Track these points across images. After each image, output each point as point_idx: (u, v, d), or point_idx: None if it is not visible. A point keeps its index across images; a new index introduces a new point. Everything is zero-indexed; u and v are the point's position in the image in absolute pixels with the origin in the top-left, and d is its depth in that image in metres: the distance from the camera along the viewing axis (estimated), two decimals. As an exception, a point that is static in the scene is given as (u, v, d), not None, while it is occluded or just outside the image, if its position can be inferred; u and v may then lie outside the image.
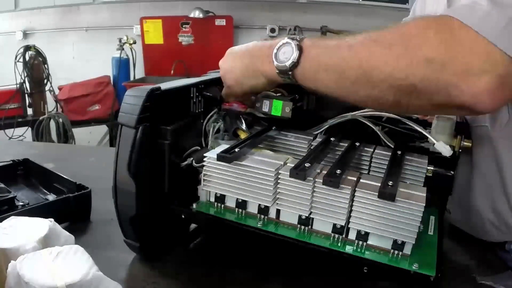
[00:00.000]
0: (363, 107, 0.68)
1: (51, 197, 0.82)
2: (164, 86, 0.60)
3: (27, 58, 3.27)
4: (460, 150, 0.61)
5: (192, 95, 0.67)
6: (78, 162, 1.12)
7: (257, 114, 0.69)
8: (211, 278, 0.62)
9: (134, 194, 0.58)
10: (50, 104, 3.39)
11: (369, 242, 0.55)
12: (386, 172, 0.57)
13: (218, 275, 0.63)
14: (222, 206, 0.62)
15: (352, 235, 0.56)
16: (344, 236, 0.56)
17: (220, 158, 0.58)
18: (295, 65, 0.55)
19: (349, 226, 0.55)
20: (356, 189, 0.54)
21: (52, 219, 0.59)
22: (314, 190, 0.56)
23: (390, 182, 0.52)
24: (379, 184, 0.53)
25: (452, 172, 0.62)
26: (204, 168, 0.61)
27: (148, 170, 0.59)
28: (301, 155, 0.66)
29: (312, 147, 0.68)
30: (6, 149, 1.24)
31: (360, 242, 0.55)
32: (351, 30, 3.38)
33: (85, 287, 0.47)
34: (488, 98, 0.45)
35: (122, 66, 3.51)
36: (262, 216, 0.60)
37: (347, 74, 0.52)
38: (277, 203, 0.58)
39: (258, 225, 0.59)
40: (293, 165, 0.56)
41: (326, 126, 0.71)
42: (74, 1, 3.73)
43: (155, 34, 3.63)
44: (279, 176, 0.57)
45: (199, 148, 0.66)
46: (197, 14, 3.50)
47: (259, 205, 0.60)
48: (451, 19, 0.46)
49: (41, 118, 3.18)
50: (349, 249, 0.55)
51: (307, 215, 0.57)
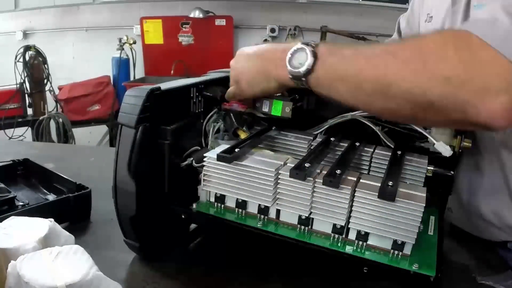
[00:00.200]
0: None
1: (51, 197, 0.82)
2: (164, 86, 0.61)
3: (27, 58, 3.27)
4: (460, 150, 0.61)
5: (192, 95, 0.67)
6: (78, 162, 1.12)
7: (257, 114, 0.69)
8: (211, 278, 0.62)
9: (134, 194, 0.58)
10: (50, 104, 3.40)
11: (369, 242, 0.55)
12: (386, 172, 0.57)
13: (218, 275, 0.63)
14: (222, 206, 0.62)
15: (352, 235, 0.56)
16: (344, 236, 0.56)
17: (220, 158, 0.58)
18: (310, 71, 0.54)
19: (349, 226, 0.55)
20: (356, 189, 0.54)
21: (52, 219, 0.59)
22: (314, 190, 0.56)
23: (390, 182, 0.52)
24: (379, 184, 0.53)
25: (452, 172, 0.62)
26: (204, 168, 0.61)
27: (148, 170, 0.59)
28: (301, 155, 0.66)
29: (312, 147, 0.68)
30: (6, 149, 1.24)
31: (360, 242, 0.55)
32: (351, 30, 3.40)
33: (85, 287, 0.48)
34: (504, 117, 0.45)
35: (122, 66, 3.51)
36: (262, 216, 0.60)
37: (364, 86, 0.51)
38: (277, 203, 0.58)
39: (258, 225, 0.59)
40: (293, 165, 0.56)
41: (326, 126, 0.71)
42: (74, 1, 3.73)
43: (155, 34, 3.63)
44: (279, 176, 0.57)
45: (199, 148, 0.66)
46: (197, 14, 3.50)
47: (259, 205, 0.60)
48: (470, 36, 0.46)
49: (41, 118, 3.18)
50: (349, 249, 0.55)
51: (307, 215, 0.57)
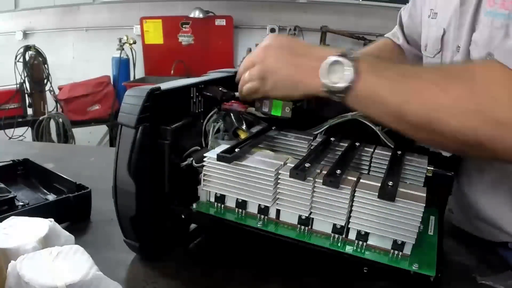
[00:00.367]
0: None
1: (51, 197, 0.82)
2: (164, 86, 0.60)
3: (27, 58, 3.27)
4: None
5: (192, 95, 0.67)
6: (78, 162, 1.11)
7: (257, 114, 0.69)
8: (211, 278, 0.62)
9: (134, 194, 0.58)
10: (50, 104, 3.40)
11: (369, 242, 0.55)
12: (386, 172, 0.57)
13: (218, 275, 0.63)
14: (222, 206, 0.62)
15: (352, 235, 0.56)
16: (344, 236, 0.56)
17: (220, 158, 0.58)
18: (348, 88, 0.51)
19: (349, 226, 0.55)
20: (356, 189, 0.54)
21: (52, 219, 0.59)
22: (314, 190, 0.56)
23: (390, 182, 0.52)
24: (379, 184, 0.53)
25: (452, 172, 0.62)
26: (204, 168, 0.61)
27: (148, 170, 0.59)
28: (301, 155, 0.66)
29: (312, 147, 0.68)
30: (6, 149, 1.23)
31: (360, 242, 0.55)
32: (351, 30, 3.40)
33: (85, 287, 0.48)
34: None
35: (122, 66, 3.51)
36: (262, 216, 0.60)
37: (409, 118, 0.48)
38: (277, 203, 0.58)
39: (258, 225, 0.59)
40: (293, 165, 0.56)
41: (326, 126, 0.71)
42: (74, 1, 3.73)
43: (155, 34, 3.64)
44: (279, 176, 0.57)
45: (199, 148, 0.66)
46: (197, 14, 3.50)
47: (259, 205, 0.60)
48: None
49: (41, 118, 3.18)
50: (349, 249, 0.55)
51: (307, 215, 0.57)
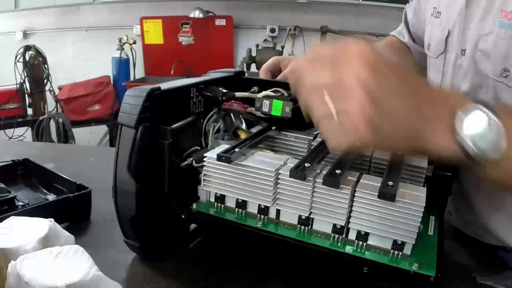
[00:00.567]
0: None
1: (51, 197, 0.82)
2: (164, 86, 0.60)
3: (27, 58, 3.27)
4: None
5: (192, 95, 0.67)
6: (78, 162, 1.11)
7: (257, 114, 0.69)
8: (211, 278, 0.62)
9: (134, 194, 0.58)
10: (50, 104, 3.40)
11: (369, 242, 0.55)
12: (386, 172, 0.57)
13: (218, 275, 0.63)
14: (222, 206, 0.62)
15: (352, 235, 0.56)
16: (344, 236, 0.56)
17: (220, 158, 0.57)
18: (499, 159, 0.40)
19: (349, 226, 0.55)
20: (356, 189, 0.53)
21: (52, 219, 0.59)
22: (314, 190, 0.56)
23: (390, 182, 0.52)
24: (379, 184, 0.53)
25: (452, 172, 0.62)
26: (204, 168, 0.61)
27: (148, 170, 0.59)
28: (301, 155, 0.66)
29: (312, 147, 0.68)
30: (6, 149, 1.23)
31: (360, 242, 0.55)
32: (351, 30, 3.40)
33: (85, 287, 0.48)
34: None
35: (122, 66, 3.51)
36: (262, 216, 0.60)
37: None
38: (277, 203, 0.58)
39: (258, 225, 0.59)
40: (293, 165, 0.56)
41: (326, 126, 0.71)
42: (74, 1, 3.73)
43: (155, 34, 3.64)
44: (279, 176, 0.57)
45: (199, 148, 0.66)
46: (197, 14, 3.50)
47: (259, 205, 0.59)
48: None
49: (41, 118, 3.19)
50: (349, 249, 0.55)
51: (307, 215, 0.57)
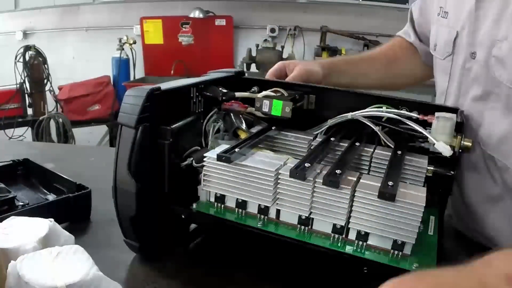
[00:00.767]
0: (363, 107, 0.68)
1: (51, 197, 0.82)
2: (164, 86, 0.60)
3: (27, 58, 3.27)
4: (460, 150, 0.61)
5: (192, 95, 0.67)
6: (78, 162, 1.11)
7: (257, 114, 0.69)
8: (211, 278, 0.62)
9: (134, 194, 0.58)
10: (50, 104, 3.40)
11: (369, 242, 0.55)
12: (386, 172, 0.57)
13: (218, 275, 0.63)
14: (222, 206, 0.62)
15: (352, 235, 0.56)
16: (344, 236, 0.56)
17: (220, 158, 0.57)
18: None
19: (349, 226, 0.55)
20: (356, 189, 0.54)
21: (52, 219, 0.59)
22: (314, 190, 0.56)
23: (390, 182, 0.52)
24: (379, 184, 0.53)
25: (452, 172, 0.62)
26: (204, 168, 0.61)
27: (148, 170, 0.59)
28: (301, 155, 0.66)
29: (312, 147, 0.68)
30: (6, 149, 1.23)
31: (360, 242, 0.55)
32: (351, 30, 3.40)
33: (85, 287, 0.48)
34: None
35: (122, 66, 3.51)
36: (262, 216, 0.60)
37: None
38: (277, 203, 0.58)
39: (258, 225, 0.59)
40: (293, 165, 0.56)
41: (326, 126, 0.71)
42: (74, 1, 3.73)
43: (155, 34, 3.64)
44: (279, 176, 0.57)
45: (199, 148, 0.66)
46: (197, 14, 3.50)
47: (259, 205, 0.59)
48: None
49: (41, 118, 3.19)
50: (349, 249, 0.55)
51: (307, 215, 0.57)
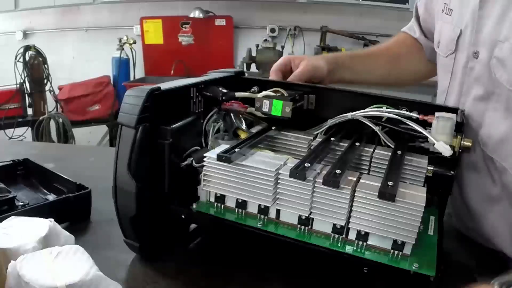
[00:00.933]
0: (363, 107, 0.68)
1: (51, 197, 0.82)
2: (164, 86, 0.60)
3: (27, 58, 3.27)
4: (460, 150, 0.61)
5: (192, 95, 0.67)
6: (78, 162, 1.11)
7: (257, 114, 0.69)
8: (211, 278, 0.62)
9: (134, 194, 0.58)
10: (50, 104, 3.40)
11: (369, 242, 0.55)
12: (386, 172, 0.57)
13: (218, 275, 0.63)
14: (222, 206, 0.62)
15: (352, 235, 0.56)
16: (344, 236, 0.56)
17: (220, 158, 0.57)
18: None
19: (349, 226, 0.55)
20: (356, 189, 0.54)
21: (52, 219, 0.59)
22: (314, 190, 0.56)
23: (390, 182, 0.52)
24: (379, 184, 0.53)
25: (452, 172, 0.62)
26: (204, 168, 0.61)
27: (148, 170, 0.59)
28: (301, 155, 0.66)
29: (312, 147, 0.68)
30: (6, 149, 1.23)
31: (360, 242, 0.55)
32: (351, 30, 3.40)
33: (85, 287, 0.48)
34: None
35: (122, 66, 3.51)
36: (262, 216, 0.60)
37: None
38: (277, 203, 0.58)
39: (258, 225, 0.59)
40: (293, 165, 0.56)
41: (326, 126, 0.71)
42: (74, 1, 3.73)
43: (155, 34, 3.64)
44: (279, 176, 0.57)
45: (199, 148, 0.66)
46: (197, 14, 3.50)
47: (259, 205, 0.59)
48: None
49: (41, 118, 3.19)
50: (349, 249, 0.55)
51: (307, 215, 0.57)
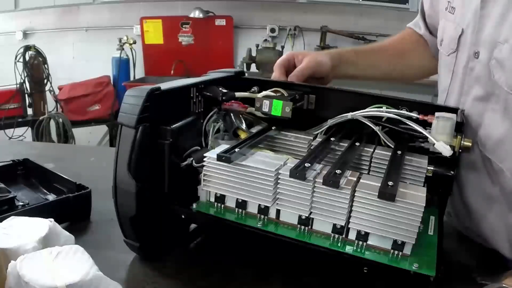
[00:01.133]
0: (363, 107, 0.68)
1: (51, 197, 0.82)
2: (164, 86, 0.60)
3: (27, 58, 3.27)
4: (460, 150, 0.61)
5: (192, 95, 0.67)
6: (78, 162, 1.11)
7: (257, 114, 0.69)
8: (211, 278, 0.62)
9: (134, 194, 0.58)
10: (50, 104, 3.40)
11: (369, 242, 0.55)
12: (386, 172, 0.57)
13: (218, 275, 0.63)
14: (222, 206, 0.62)
15: (352, 235, 0.56)
16: (344, 236, 0.56)
17: (220, 158, 0.57)
18: None
19: (349, 226, 0.55)
20: (356, 189, 0.54)
21: (52, 219, 0.59)
22: (314, 190, 0.56)
23: (390, 182, 0.52)
24: (379, 184, 0.53)
25: (452, 172, 0.62)
26: (204, 168, 0.61)
27: (148, 170, 0.59)
28: (301, 155, 0.66)
29: (312, 147, 0.68)
30: (6, 149, 1.23)
31: (360, 242, 0.55)
32: (351, 30, 3.40)
33: (85, 287, 0.48)
34: None
35: (122, 66, 3.51)
36: (262, 216, 0.60)
37: None
38: (277, 203, 0.58)
39: (258, 225, 0.59)
40: (293, 165, 0.56)
41: (326, 126, 0.71)
42: (74, 1, 3.73)
43: (155, 34, 3.64)
44: (279, 176, 0.57)
45: (199, 148, 0.66)
46: (197, 14, 3.50)
47: (259, 205, 0.59)
48: None
49: (41, 118, 3.19)
50: (349, 249, 0.55)
51: (307, 215, 0.57)
